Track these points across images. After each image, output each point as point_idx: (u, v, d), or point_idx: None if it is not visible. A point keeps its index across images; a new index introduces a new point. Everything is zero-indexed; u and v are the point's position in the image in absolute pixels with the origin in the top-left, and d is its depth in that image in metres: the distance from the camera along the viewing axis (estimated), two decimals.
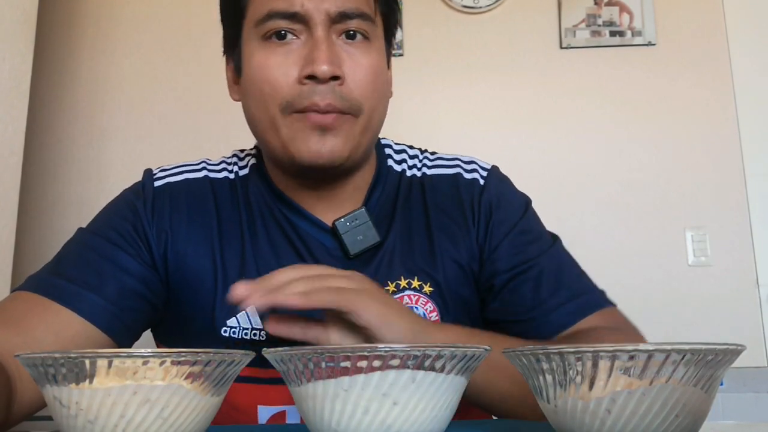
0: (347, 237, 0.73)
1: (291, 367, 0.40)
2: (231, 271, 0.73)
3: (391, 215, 0.78)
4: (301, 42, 0.70)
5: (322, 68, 0.67)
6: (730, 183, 2.04)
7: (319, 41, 0.69)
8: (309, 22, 0.69)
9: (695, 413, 0.38)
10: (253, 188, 0.78)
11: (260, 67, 0.70)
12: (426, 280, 0.74)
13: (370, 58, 0.72)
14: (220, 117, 2.03)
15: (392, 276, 0.74)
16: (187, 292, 0.73)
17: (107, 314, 0.67)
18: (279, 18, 0.69)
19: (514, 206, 0.80)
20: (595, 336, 0.69)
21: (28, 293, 0.67)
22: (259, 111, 0.71)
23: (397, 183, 0.80)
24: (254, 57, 0.71)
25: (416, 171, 0.82)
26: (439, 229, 0.77)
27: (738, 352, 0.38)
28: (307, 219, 0.76)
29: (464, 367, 0.41)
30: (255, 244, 0.74)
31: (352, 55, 0.70)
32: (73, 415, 0.38)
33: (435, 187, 0.80)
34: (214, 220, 0.75)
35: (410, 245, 0.76)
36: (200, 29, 2.14)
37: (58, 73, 2.16)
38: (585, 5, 2.15)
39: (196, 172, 0.79)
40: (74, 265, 0.70)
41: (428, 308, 0.73)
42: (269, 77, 0.69)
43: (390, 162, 0.82)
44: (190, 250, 0.73)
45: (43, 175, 2.10)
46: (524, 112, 2.11)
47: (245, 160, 0.82)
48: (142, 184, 0.77)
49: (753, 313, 1.96)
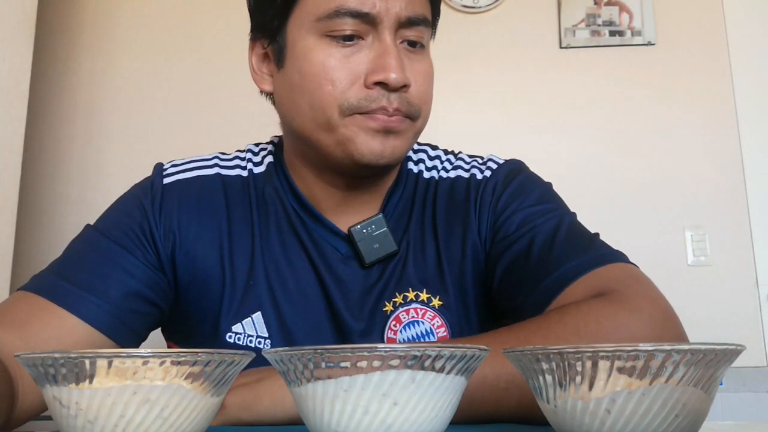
0: (363, 245, 0.71)
1: (291, 367, 0.40)
2: (239, 274, 0.72)
3: (407, 221, 0.76)
4: (366, 43, 0.68)
5: (394, 77, 0.66)
6: (729, 183, 2.04)
7: (390, 47, 0.67)
8: (378, 24, 0.67)
9: (695, 413, 0.38)
10: (269, 188, 0.76)
11: (322, 64, 0.67)
12: (435, 293, 0.72)
13: (427, 65, 0.72)
14: (220, 116, 2.03)
15: (402, 287, 0.72)
16: (195, 295, 0.72)
17: (111, 318, 0.67)
18: (348, 16, 0.67)
19: (524, 193, 0.76)
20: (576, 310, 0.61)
21: (31, 295, 0.67)
22: (313, 110, 0.68)
23: (413, 186, 0.79)
24: (314, 53, 0.68)
25: (435, 173, 0.80)
26: (443, 236, 0.75)
27: (737, 352, 0.38)
28: (322, 224, 0.74)
29: (464, 367, 0.41)
30: (266, 245, 0.73)
31: (414, 63, 0.70)
32: (73, 415, 0.38)
33: (446, 192, 0.78)
34: (225, 221, 0.74)
35: (423, 255, 0.74)
36: (199, 28, 2.14)
37: (57, 73, 2.16)
38: (585, 5, 2.15)
39: (208, 169, 0.77)
40: (79, 267, 0.69)
41: (435, 323, 0.72)
42: (332, 77, 0.67)
43: (410, 164, 0.81)
44: (199, 252, 0.72)
45: (42, 175, 2.10)
46: (524, 112, 2.11)
47: (260, 156, 0.80)
48: (151, 181, 0.76)
49: (752, 312, 1.96)
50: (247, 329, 0.71)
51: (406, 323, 0.71)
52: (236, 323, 0.71)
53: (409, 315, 0.71)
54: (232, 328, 0.71)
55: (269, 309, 0.71)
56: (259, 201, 0.76)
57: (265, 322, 0.71)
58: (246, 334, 0.71)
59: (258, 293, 0.71)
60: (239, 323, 0.71)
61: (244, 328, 0.71)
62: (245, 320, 0.71)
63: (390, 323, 0.71)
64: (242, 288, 0.71)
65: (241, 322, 0.71)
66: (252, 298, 0.71)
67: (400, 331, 0.71)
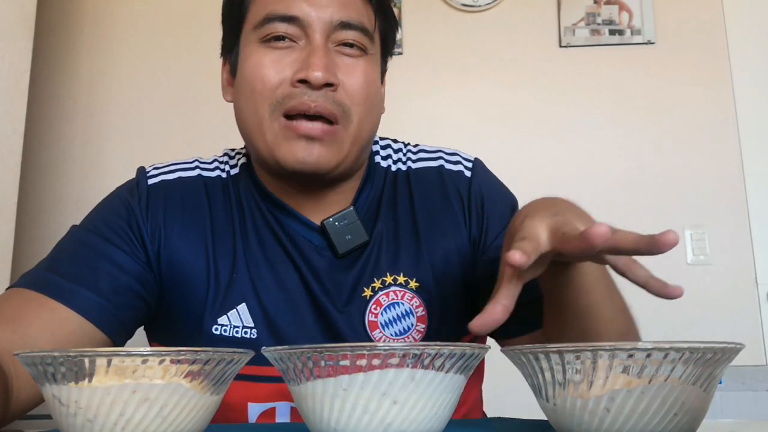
0: (336, 236, 0.74)
1: (290, 366, 0.40)
2: (223, 270, 0.73)
3: (377, 212, 0.78)
4: (299, 47, 0.71)
5: (316, 74, 0.68)
6: (729, 181, 2.04)
7: (317, 48, 0.69)
8: (308, 28, 0.70)
9: (694, 412, 0.38)
10: (243, 188, 0.79)
11: (255, 66, 0.71)
12: (412, 275, 0.75)
13: (364, 68, 0.73)
14: (219, 115, 2.02)
15: (378, 273, 0.75)
16: (180, 290, 0.73)
17: (102, 310, 0.67)
18: (278, 21, 0.70)
19: (504, 201, 0.81)
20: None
21: (23, 290, 0.67)
22: (249, 110, 0.72)
23: (383, 179, 0.81)
24: (251, 57, 0.72)
25: (401, 165, 0.82)
26: (425, 224, 0.77)
27: (736, 350, 0.38)
28: (295, 218, 0.76)
29: (463, 366, 0.41)
30: (246, 243, 0.75)
31: (347, 64, 0.71)
32: (73, 413, 0.38)
33: (420, 181, 0.80)
34: (208, 219, 0.76)
35: (396, 242, 0.77)
36: (198, 27, 2.14)
37: (56, 72, 2.16)
38: (584, 4, 2.15)
39: (190, 171, 0.80)
40: (69, 262, 0.70)
41: (414, 303, 0.74)
42: (262, 75, 0.70)
43: (377, 159, 0.83)
44: (184, 249, 0.74)
45: (42, 174, 2.10)
46: (523, 111, 2.11)
47: (235, 159, 0.82)
48: (136, 182, 0.78)
49: (752, 311, 1.96)
50: (233, 320, 0.72)
51: (387, 305, 0.74)
52: (222, 315, 0.72)
53: (389, 297, 0.74)
54: (218, 320, 0.72)
55: (253, 301, 0.73)
56: (237, 200, 0.78)
57: (250, 313, 0.72)
58: (232, 325, 0.72)
59: (241, 287, 0.73)
60: (225, 315, 0.72)
61: (229, 320, 0.72)
62: (230, 312, 0.72)
63: (370, 306, 0.74)
64: (226, 283, 0.73)
65: (226, 314, 0.72)
66: (236, 292, 0.73)
67: (380, 314, 0.74)
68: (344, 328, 0.72)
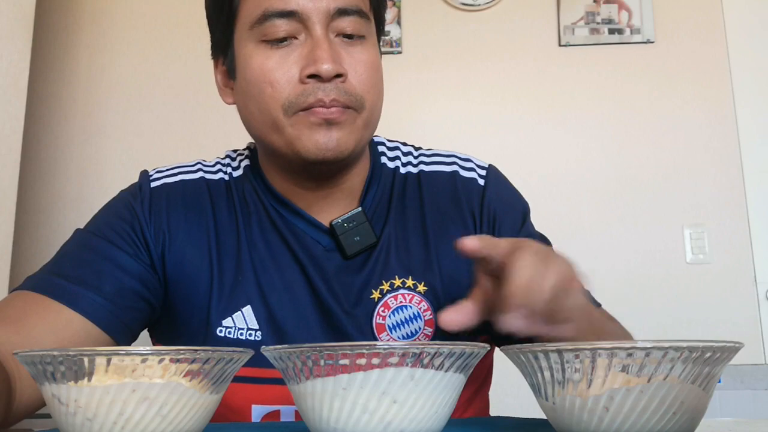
0: (345, 238, 0.74)
1: (290, 365, 0.40)
2: (227, 271, 0.73)
3: (386, 214, 0.78)
4: (299, 42, 0.70)
5: (325, 67, 0.67)
6: (728, 180, 2.04)
7: (320, 40, 0.69)
8: (307, 21, 0.69)
9: (693, 410, 0.38)
10: (248, 189, 0.78)
11: (260, 69, 0.70)
12: (420, 279, 0.74)
13: (368, 55, 0.72)
14: (218, 114, 2.03)
15: (387, 275, 0.74)
16: (184, 292, 0.73)
17: (106, 313, 0.67)
18: (276, 17, 0.69)
19: (517, 210, 0.80)
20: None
21: (27, 292, 0.67)
22: (261, 113, 0.71)
23: (391, 180, 0.80)
24: (252, 59, 0.71)
25: (411, 168, 0.82)
26: (435, 228, 0.77)
27: (736, 349, 0.38)
28: (303, 219, 0.76)
29: (463, 365, 0.41)
30: (251, 244, 0.74)
31: (352, 53, 0.71)
32: (72, 412, 0.38)
33: (432, 184, 0.80)
34: (211, 221, 0.75)
35: (406, 244, 0.76)
36: (197, 26, 2.13)
37: (55, 71, 2.16)
38: (584, 3, 2.15)
39: (192, 173, 0.79)
40: (73, 264, 0.70)
41: (422, 307, 0.74)
42: (270, 79, 0.69)
43: (384, 159, 0.82)
44: (188, 251, 0.73)
45: (40, 173, 2.10)
46: (523, 110, 2.11)
47: (237, 161, 0.82)
48: (139, 185, 0.78)
49: (751, 310, 1.97)
50: (238, 323, 0.72)
51: (395, 308, 0.73)
52: (226, 317, 0.72)
53: (398, 300, 0.73)
54: (222, 322, 0.72)
55: (258, 303, 0.72)
56: (242, 202, 0.77)
57: (255, 315, 0.72)
58: (237, 327, 0.72)
59: (246, 289, 0.73)
60: (229, 317, 0.72)
61: (234, 322, 0.72)
62: (235, 314, 0.72)
63: (378, 309, 0.73)
64: (230, 284, 0.73)
65: (231, 316, 0.72)
66: (240, 294, 0.72)
67: (388, 317, 0.73)
68: (351, 330, 0.72)
